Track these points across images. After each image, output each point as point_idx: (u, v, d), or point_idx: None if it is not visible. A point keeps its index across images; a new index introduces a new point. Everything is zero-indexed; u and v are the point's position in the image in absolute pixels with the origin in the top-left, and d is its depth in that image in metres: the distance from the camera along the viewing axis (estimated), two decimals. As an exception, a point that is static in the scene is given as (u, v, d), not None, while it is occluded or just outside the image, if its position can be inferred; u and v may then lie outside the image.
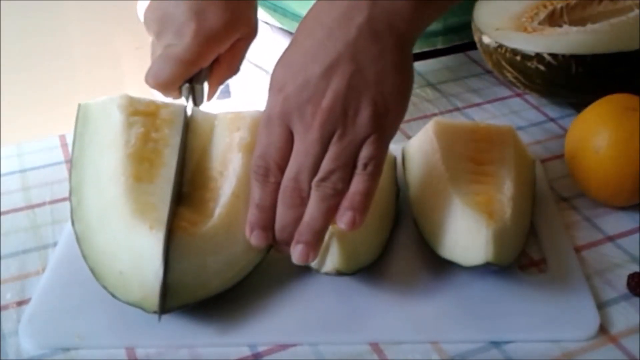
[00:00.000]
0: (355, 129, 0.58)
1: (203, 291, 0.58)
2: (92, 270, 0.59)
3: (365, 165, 0.58)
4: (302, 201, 0.58)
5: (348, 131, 0.58)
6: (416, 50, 0.97)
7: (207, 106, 0.77)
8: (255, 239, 0.59)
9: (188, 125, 0.69)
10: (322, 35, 0.59)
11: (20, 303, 0.62)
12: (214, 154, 0.67)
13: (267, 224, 0.60)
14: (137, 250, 0.58)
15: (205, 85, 0.77)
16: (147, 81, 0.74)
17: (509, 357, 0.57)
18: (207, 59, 0.75)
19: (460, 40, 0.98)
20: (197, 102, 0.74)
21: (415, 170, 0.70)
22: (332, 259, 0.60)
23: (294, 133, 0.59)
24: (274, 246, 0.61)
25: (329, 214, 0.58)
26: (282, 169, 0.59)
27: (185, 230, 0.60)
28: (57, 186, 0.75)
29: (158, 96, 0.76)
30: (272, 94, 0.60)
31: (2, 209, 0.72)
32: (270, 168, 0.59)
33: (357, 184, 0.58)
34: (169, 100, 0.74)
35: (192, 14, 0.73)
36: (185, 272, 0.58)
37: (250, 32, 0.78)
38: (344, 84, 0.58)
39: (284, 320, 0.60)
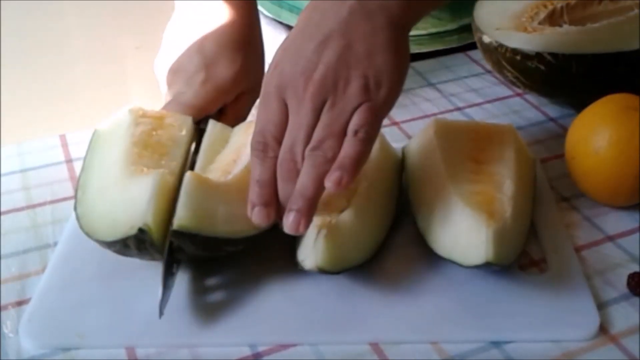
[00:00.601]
0: (346, 98, 0.59)
1: (209, 229, 0.59)
2: (88, 234, 0.61)
3: (356, 132, 0.59)
4: (298, 173, 0.59)
5: (338, 101, 0.59)
6: (431, 49, 0.98)
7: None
8: (256, 216, 0.59)
9: (200, 136, 0.73)
10: (317, 18, 0.62)
11: (20, 303, 0.62)
12: (228, 152, 0.69)
13: (268, 199, 0.60)
14: (130, 194, 0.61)
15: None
16: None
17: (509, 357, 0.57)
18: (214, 106, 0.78)
19: (474, 38, 0.98)
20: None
21: (415, 169, 0.70)
22: (316, 255, 0.60)
23: (288, 107, 0.61)
24: (278, 224, 0.61)
25: (320, 182, 0.58)
26: (280, 143, 0.60)
27: (201, 176, 0.61)
28: (57, 186, 0.75)
29: (160, 98, 0.80)
30: (268, 72, 0.62)
31: (2, 209, 0.72)
32: (268, 143, 0.60)
33: (347, 148, 0.59)
34: None
35: (202, 66, 0.78)
36: (197, 207, 0.59)
37: (256, 86, 0.81)
38: (334, 57, 0.60)
39: (284, 320, 0.60)
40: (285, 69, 0.61)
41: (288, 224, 0.58)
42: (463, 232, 0.61)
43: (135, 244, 0.59)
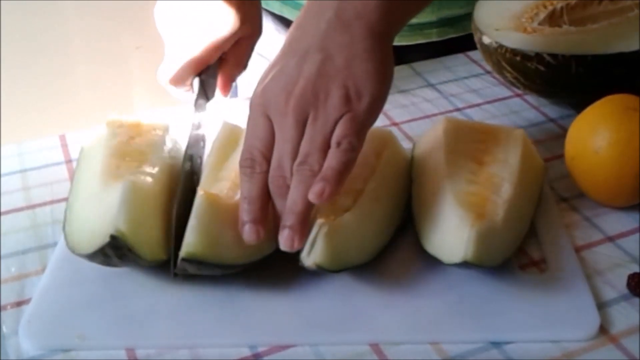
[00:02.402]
0: (327, 110, 0.60)
1: (216, 256, 0.59)
2: (72, 250, 0.61)
3: (339, 144, 0.59)
4: (289, 188, 0.59)
5: (320, 113, 0.60)
6: (411, 42, 0.99)
7: (220, 102, 0.83)
8: (247, 234, 0.59)
9: (203, 87, 0.78)
10: (298, 34, 0.63)
11: (20, 303, 0.62)
12: (237, 157, 0.68)
13: (257, 216, 0.60)
14: (104, 203, 0.61)
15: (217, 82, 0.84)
16: (159, 78, 0.81)
17: (509, 357, 0.57)
18: (213, 55, 0.81)
19: (455, 33, 0.99)
20: (208, 95, 0.80)
21: (419, 166, 0.70)
22: (315, 253, 0.60)
23: (273, 123, 0.61)
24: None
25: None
26: (267, 159, 0.61)
27: (211, 197, 0.61)
28: (57, 186, 0.75)
29: (161, 97, 0.82)
30: (254, 91, 0.63)
31: (2, 209, 0.72)
32: (255, 159, 0.61)
33: (330, 160, 0.59)
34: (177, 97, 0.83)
35: (198, 15, 0.80)
36: (206, 234, 0.59)
37: (253, 31, 0.84)
38: (314, 70, 0.60)
39: (284, 320, 0.60)
40: (268, 86, 0.62)
41: (282, 240, 0.59)
42: (449, 230, 0.61)
43: (114, 252, 0.59)
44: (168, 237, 0.62)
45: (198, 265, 0.59)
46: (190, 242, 0.58)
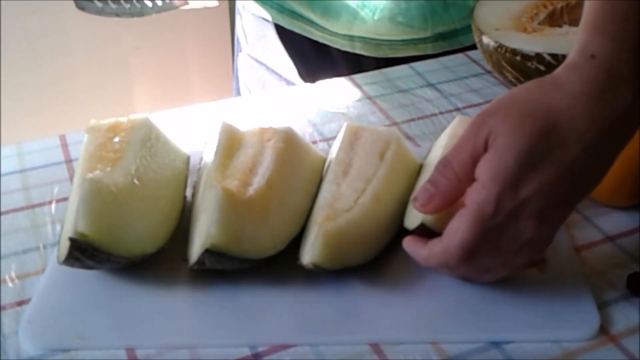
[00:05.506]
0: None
1: (236, 248, 0.60)
2: (58, 261, 0.60)
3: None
4: None
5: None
6: (405, 54, 0.99)
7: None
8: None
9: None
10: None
11: (20, 303, 0.62)
12: (243, 157, 0.68)
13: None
14: (72, 207, 0.61)
15: None
16: None
17: (509, 357, 0.57)
18: None
19: (449, 46, 1.00)
20: None
21: (426, 163, 0.70)
22: (313, 251, 0.60)
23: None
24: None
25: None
26: None
27: (227, 191, 0.61)
28: (57, 186, 0.75)
29: (161, 97, 0.78)
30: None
31: (2, 209, 0.72)
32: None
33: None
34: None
35: None
36: (229, 226, 0.60)
37: None
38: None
39: (284, 320, 0.60)
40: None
41: None
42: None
43: (81, 254, 0.59)
44: (154, 231, 0.62)
45: (218, 258, 0.59)
46: (214, 234, 0.59)
